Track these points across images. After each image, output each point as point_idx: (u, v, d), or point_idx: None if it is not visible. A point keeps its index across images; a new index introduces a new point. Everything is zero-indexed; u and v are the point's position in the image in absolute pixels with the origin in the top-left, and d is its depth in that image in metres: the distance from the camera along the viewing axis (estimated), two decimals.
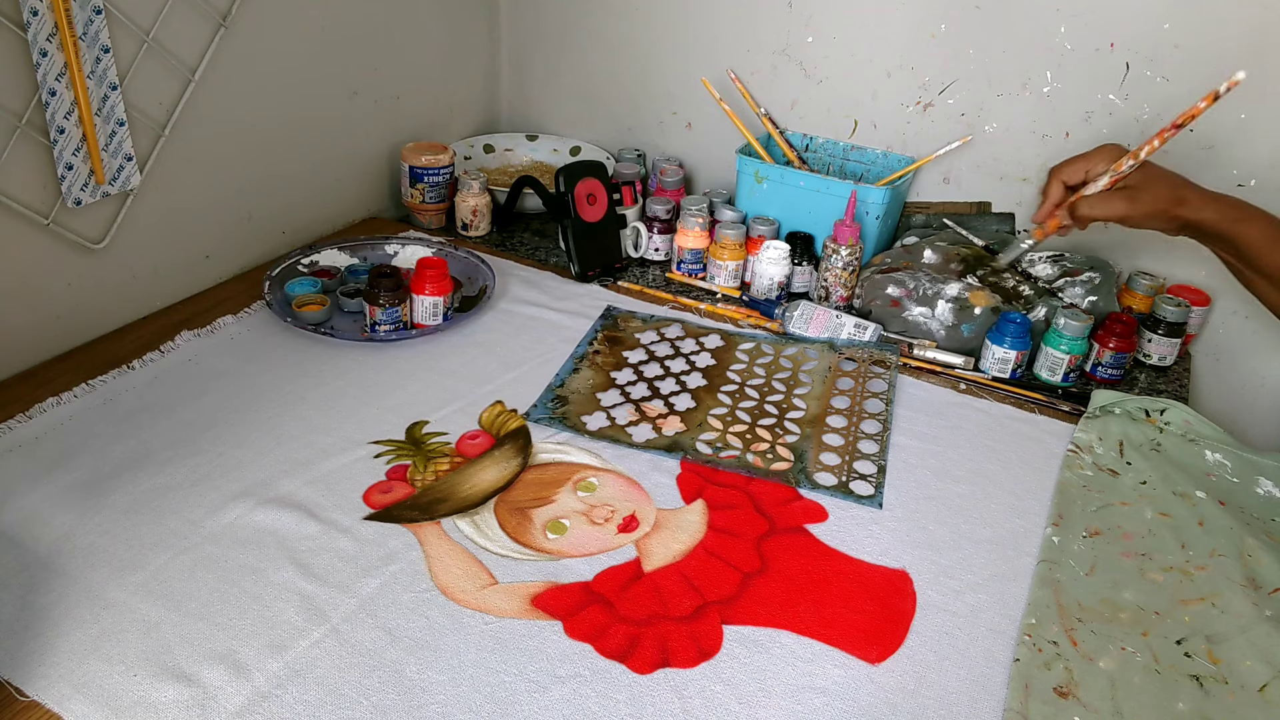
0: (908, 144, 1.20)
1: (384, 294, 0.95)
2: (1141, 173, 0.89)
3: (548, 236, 1.25)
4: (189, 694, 0.58)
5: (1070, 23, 1.06)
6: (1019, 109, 1.12)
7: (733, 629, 0.66)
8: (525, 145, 1.44)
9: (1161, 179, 0.89)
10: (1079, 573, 0.73)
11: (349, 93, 1.18)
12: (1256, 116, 1.01)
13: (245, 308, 1.00)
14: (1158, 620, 0.69)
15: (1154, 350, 1.03)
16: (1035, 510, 0.80)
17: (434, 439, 0.83)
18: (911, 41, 1.15)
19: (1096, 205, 0.90)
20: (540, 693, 0.60)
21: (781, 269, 1.10)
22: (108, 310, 0.96)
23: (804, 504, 0.79)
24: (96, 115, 0.86)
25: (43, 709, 0.57)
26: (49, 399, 0.84)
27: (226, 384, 0.88)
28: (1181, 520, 0.79)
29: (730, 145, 1.27)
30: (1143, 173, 0.89)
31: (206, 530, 0.71)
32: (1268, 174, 1.02)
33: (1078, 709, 0.62)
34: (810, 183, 1.14)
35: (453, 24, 1.33)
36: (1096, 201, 0.90)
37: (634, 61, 1.35)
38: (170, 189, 0.98)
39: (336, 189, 1.21)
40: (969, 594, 0.71)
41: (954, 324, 1.01)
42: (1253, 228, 0.85)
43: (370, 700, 0.59)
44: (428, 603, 0.66)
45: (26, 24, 0.79)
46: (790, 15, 1.21)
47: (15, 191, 0.84)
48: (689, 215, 1.14)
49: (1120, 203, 0.89)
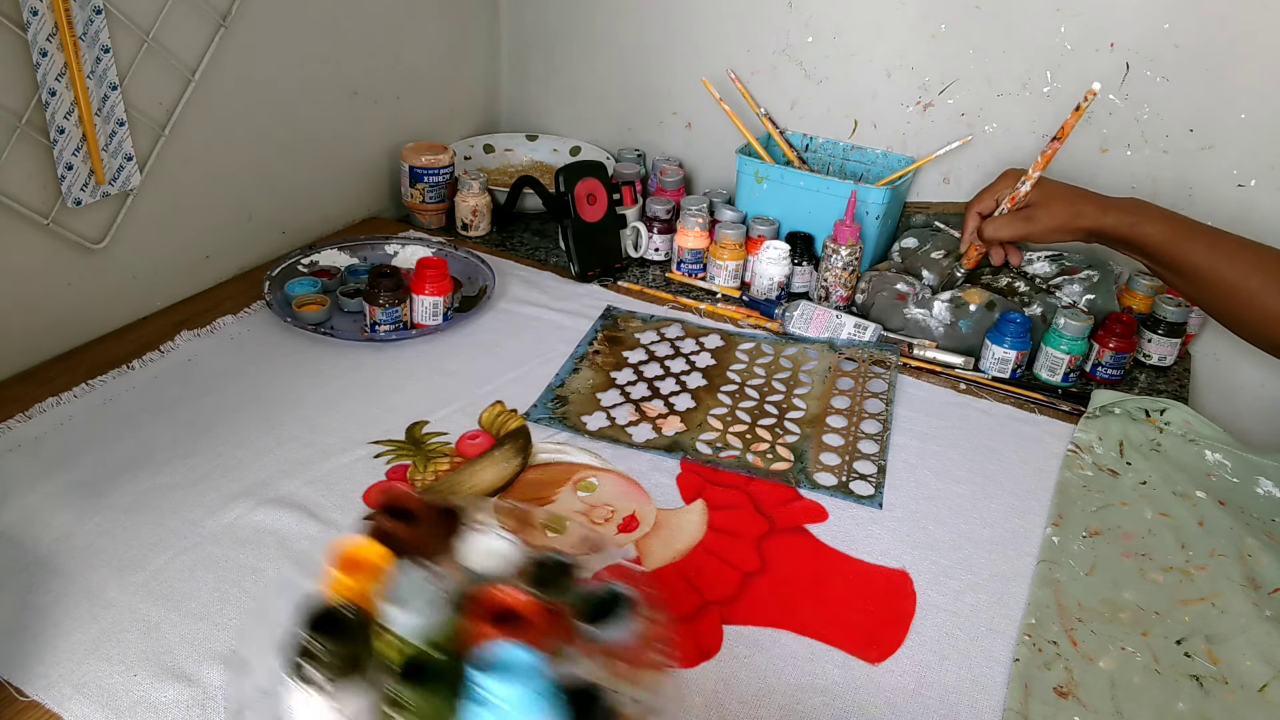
0: (908, 144, 1.20)
1: (384, 294, 0.95)
2: (1040, 190, 0.94)
3: (548, 236, 1.25)
4: (189, 694, 0.58)
5: (1070, 23, 1.06)
6: (1019, 109, 1.12)
7: (733, 629, 0.66)
8: (525, 145, 1.44)
9: (1058, 195, 0.94)
10: (1079, 573, 0.73)
11: (349, 93, 1.18)
12: (1256, 116, 1.01)
13: (245, 308, 1.00)
14: (1158, 620, 0.69)
15: (1154, 350, 1.03)
16: (1035, 510, 0.79)
17: (434, 439, 0.83)
18: (911, 41, 1.15)
19: (1000, 228, 0.96)
20: None
21: (781, 269, 1.10)
22: (108, 310, 0.96)
23: (804, 504, 0.79)
24: (96, 115, 0.86)
25: (42, 709, 0.57)
26: (49, 399, 0.84)
27: (226, 384, 0.88)
28: (1181, 520, 0.79)
29: (730, 145, 1.27)
30: (1041, 190, 0.94)
31: (206, 530, 0.71)
32: (1268, 174, 1.02)
33: (1077, 709, 0.62)
34: (810, 183, 1.14)
35: (453, 24, 1.33)
36: (999, 224, 0.96)
37: (634, 61, 1.35)
38: (170, 189, 0.98)
39: (336, 189, 1.21)
40: (969, 594, 0.71)
41: (951, 322, 1.01)
42: (1152, 228, 0.89)
43: None
44: None
45: (26, 24, 0.79)
46: (790, 15, 1.21)
47: (15, 191, 0.84)
48: (689, 215, 1.14)
49: (1020, 223, 0.95)
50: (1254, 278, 0.84)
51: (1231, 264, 0.86)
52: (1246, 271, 0.85)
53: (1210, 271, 0.86)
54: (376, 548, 0.49)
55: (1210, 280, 0.87)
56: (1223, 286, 0.86)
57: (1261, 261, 0.85)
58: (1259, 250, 0.86)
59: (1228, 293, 0.86)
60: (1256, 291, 0.84)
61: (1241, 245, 0.87)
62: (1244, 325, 0.87)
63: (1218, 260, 0.86)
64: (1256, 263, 0.85)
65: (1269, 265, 0.85)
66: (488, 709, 0.39)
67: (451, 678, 0.41)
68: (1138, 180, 1.09)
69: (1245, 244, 0.87)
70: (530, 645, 0.41)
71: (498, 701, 0.39)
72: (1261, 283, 0.84)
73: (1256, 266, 0.85)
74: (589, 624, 0.47)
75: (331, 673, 0.42)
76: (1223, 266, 0.86)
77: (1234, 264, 0.86)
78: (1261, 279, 0.84)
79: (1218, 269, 0.86)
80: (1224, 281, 0.86)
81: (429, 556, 0.50)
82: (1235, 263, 0.86)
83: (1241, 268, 0.85)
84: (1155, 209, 0.90)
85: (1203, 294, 0.89)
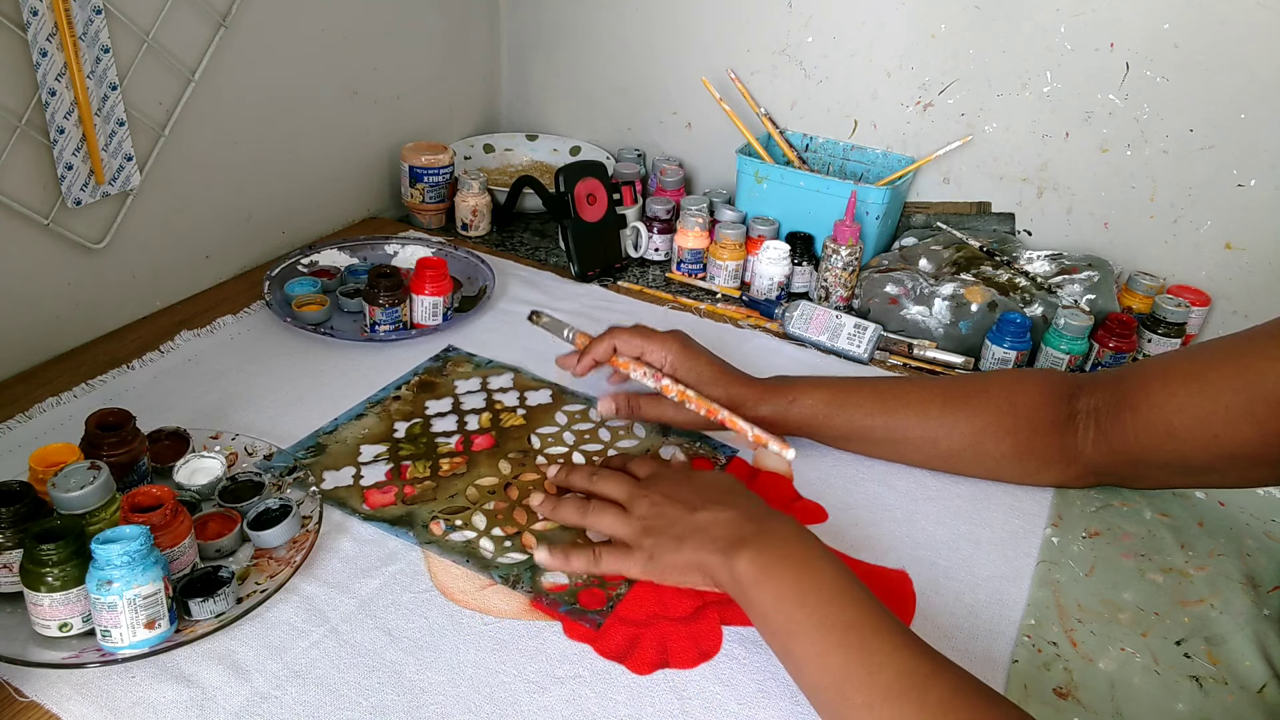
0: (908, 144, 1.20)
1: (384, 294, 0.95)
2: (684, 366, 0.81)
3: (548, 236, 1.25)
4: (188, 694, 0.58)
5: (1070, 23, 1.06)
6: (1019, 109, 1.12)
7: (732, 630, 0.66)
8: (525, 145, 1.44)
9: (706, 380, 0.81)
10: (1079, 573, 0.73)
11: (349, 93, 1.18)
12: (1256, 116, 1.01)
13: (245, 308, 1.00)
14: (1157, 621, 0.69)
15: (1154, 350, 1.03)
16: (1035, 510, 0.79)
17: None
18: (911, 41, 1.15)
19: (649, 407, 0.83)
20: (539, 693, 0.60)
21: (781, 269, 1.10)
22: (108, 310, 0.96)
23: (804, 504, 0.79)
24: (96, 115, 0.86)
25: (42, 709, 0.57)
26: (49, 399, 0.84)
27: (226, 384, 0.88)
28: (1181, 520, 0.79)
29: (730, 145, 1.27)
30: (684, 367, 0.81)
31: None
32: (1268, 174, 1.02)
33: (1077, 710, 0.62)
34: (810, 183, 1.14)
35: (453, 24, 1.33)
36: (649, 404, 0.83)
37: (634, 61, 1.35)
38: (170, 189, 0.98)
39: (336, 189, 1.21)
40: (969, 594, 0.71)
41: (951, 321, 1.01)
42: (810, 398, 0.80)
43: (369, 701, 0.59)
44: (427, 603, 0.66)
45: (26, 24, 0.79)
46: (790, 15, 1.21)
47: (15, 191, 0.84)
48: (689, 215, 1.14)
49: (669, 409, 0.82)
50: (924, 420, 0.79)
51: (902, 412, 0.79)
52: (915, 417, 0.79)
53: (888, 429, 0.79)
54: (69, 448, 0.67)
55: (889, 436, 0.80)
56: (900, 438, 0.80)
57: (929, 401, 0.79)
58: (922, 388, 0.80)
59: (908, 443, 0.80)
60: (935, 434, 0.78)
61: (901, 389, 0.80)
62: (938, 461, 0.81)
63: (884, 412, 0.79)
64: (922, 404, 0.79)
65: (934, 401, 0.79)
66: (96, 566, 0.57)
67: (76, 541, 0.58)
68: (1138, 180, 1.09)
69: (904, 386, 0.81)
70: (151, 527, 0.59)
71: (103, 562, 0.56)
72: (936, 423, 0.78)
73: (923, 408, 0.79)
74: (254, 529, 0.68)
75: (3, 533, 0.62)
76: (893, 420, 0.79)
77: (904, 412, 0.79)
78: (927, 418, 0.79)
79: (891, 424, 0.79)
80: (899, 432, 0.79)
81: (129, 461, 0.69)
82: (904, 410, 0.79)
83: (913, 414, 0.79)
84: (804, 381, 0.82)
85: (889, 450, 0.82)
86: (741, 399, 0.81)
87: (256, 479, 0.73)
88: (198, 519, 0.68)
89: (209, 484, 0.72)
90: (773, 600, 0.59)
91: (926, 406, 0.79)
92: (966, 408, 0.78)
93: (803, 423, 0.81)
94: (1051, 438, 0.77)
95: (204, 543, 0.67)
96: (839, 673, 0.55)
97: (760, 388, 0.82)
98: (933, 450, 0.80)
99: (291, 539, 0.69)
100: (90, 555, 0.57)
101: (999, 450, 0.78)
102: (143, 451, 0.71)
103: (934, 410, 0.79)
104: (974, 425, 0.78)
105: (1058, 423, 0.77)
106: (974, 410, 0.78)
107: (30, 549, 0.58)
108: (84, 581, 0.58)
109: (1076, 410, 0.76)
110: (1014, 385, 0.79)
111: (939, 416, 0.79)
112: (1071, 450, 0.77)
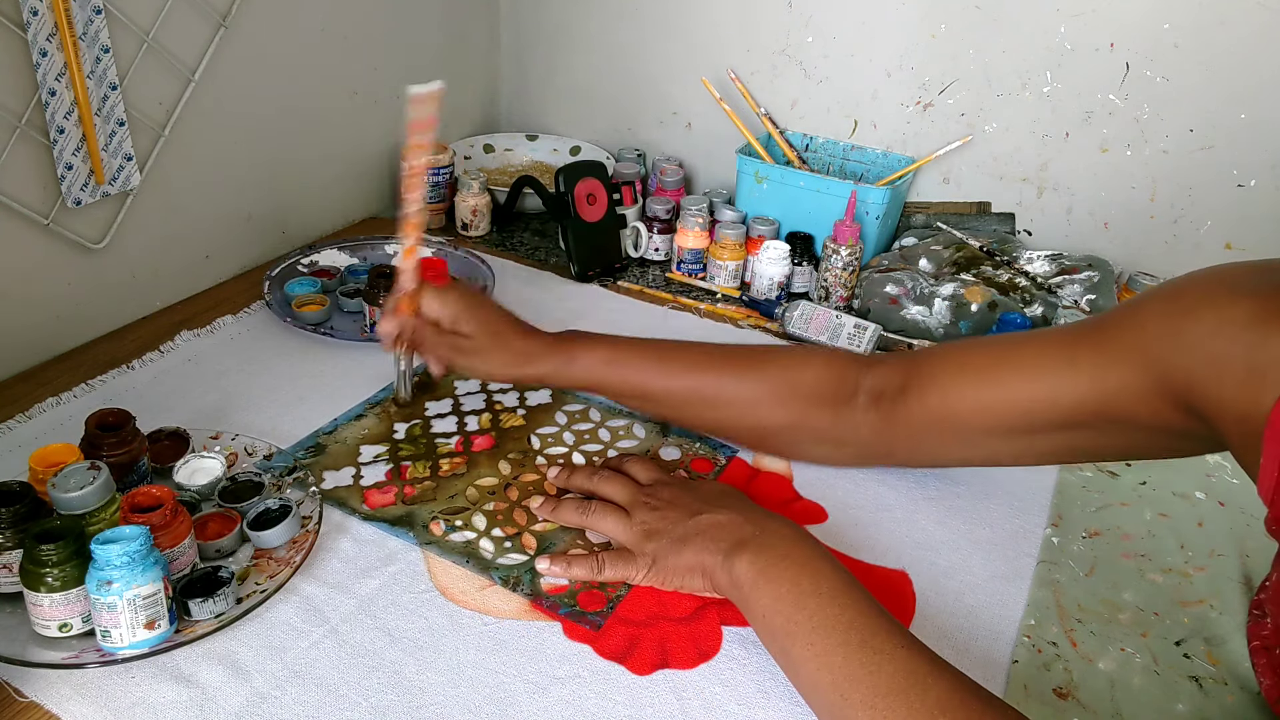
0: (908, 144, 1.20)
1: (384, 294, 0.95)
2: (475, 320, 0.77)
3: (548, 236, 1.25)
4: (188, 694, 0.58)
5: (1070, 23, 1.06)
6: (1019, 109, 1.12)
7: (732, 630, 0.66)
8: (525, 145, 1.44)
9: (496, 334, 0.78)
10: (1078, 573, 0.73)
11: (349, 92, 1.18)
12: (1256, 116, 1.01)
13: (245, 308, 1.00)
14: (1157, 621, 0.69)
15: None
16: (1035, 510, 0.79)
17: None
18: (911, 41, 1.15)
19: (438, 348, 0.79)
20: (539, 694, 0.60)
21: (781, 269, 1.10)
22: (108, 310, 0.96)
23: (804, 504, 0.79)
24: (96, 115, 0.86)
25: (42, 710, 0.57)
26: (49, 399, 0.84)
27: (226, 384, 0.88)
28: (1181, 520, 0.79)
29: (730, 145, 1.27)
30: (476, 321, 0.77)
31: None
32: (1268, 174, 1.02)
33: (1077, 710, 0.62)
34: (810, 183, 1.14)
35: (453, 24, 1.33)
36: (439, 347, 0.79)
37: (634, 61, 1.35)
38: (170, 189, 0.98)
39: (336, 189, 1.21)
40: (969, 594, 0.71)
41: (951, 321, 1.01)
42: (589, 356, 0.78)
43: (369, 701, 0.59)
44: (427, 603, 0.66)
45: (26, 24, 0.79)
46: (790, 15, 1.21)
47: (15, 191, 0.84)
48: (689, 215, 1.14)
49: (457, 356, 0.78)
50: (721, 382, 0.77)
51: (681, 376, 0.77)
52: (693, 381, 0.77)
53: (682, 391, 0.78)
54: (69, 448, 0.67)
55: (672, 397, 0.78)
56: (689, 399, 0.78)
57: (709, 368, 0.78)
58: (707, 354, 0.79)
59: (698, 404, 0.78)
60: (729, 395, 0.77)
61: (685, 353, 0.79)
62: (730, 431, 0.80)
63: (662, 375, 0.78)
64: (702, 369, 0.78)
65: (714, 368, 0.77)
66: (96, 566, 0.57)
67: (76, 542, 0.58)
68: (1137, 180, 1.09)
69: (689, 350, 0.79)
70: (151, 528, 0.59)
71: (103, 563, 0.57)
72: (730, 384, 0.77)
73: (702, 374, 0.77)
74: (253, 529, 0.68)
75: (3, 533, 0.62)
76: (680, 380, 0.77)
77: (683, 376, 0.77)
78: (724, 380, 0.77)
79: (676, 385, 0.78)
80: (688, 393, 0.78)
81: (129, 462, 0.69)
82: (683, 375, 0.77)
83: (690, 378, 0.77)
84: (589, 338, 0.79)
85: (669, 411, 0.80)
86: (526, 351, 0.78)
87: (256, 479, 0.73)
88: (197, 519, 0.68)
89: (209, 484, 0.72)
90: (771, 601, 0.59)
91: (705, 372, 0.78)
92: (747, 377, 0.77)
93: (584, 380, 0.79)
94: (826, 415, 0.75)
95: (204, 543, 0.67)
96: (838, 673, 0.55)
97: (544, 342, 0.79)
98: (709, 414, 0.79)
99: (291, 539, 0.69)
100: (90, 555, 0.57)
101: (772, 421, 0.77)
102: (142, 452, 0.71)
103: (711, 376, 0.78)
104: (751, 395, 0.77)
105: (837, 401, 0.75)
106: (754, 380, 0.77)
107: (30, 549, 0.58)
108: (84, 582, 0.58)
109: (859, 390, 0.75)
110: (799, 361, 0.78)
111: (716, 383, 0.77)
112: (849, 430, 0.75)
